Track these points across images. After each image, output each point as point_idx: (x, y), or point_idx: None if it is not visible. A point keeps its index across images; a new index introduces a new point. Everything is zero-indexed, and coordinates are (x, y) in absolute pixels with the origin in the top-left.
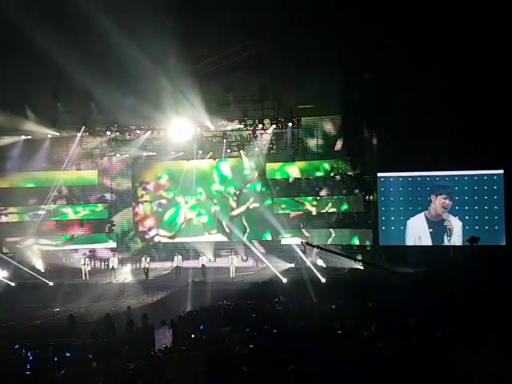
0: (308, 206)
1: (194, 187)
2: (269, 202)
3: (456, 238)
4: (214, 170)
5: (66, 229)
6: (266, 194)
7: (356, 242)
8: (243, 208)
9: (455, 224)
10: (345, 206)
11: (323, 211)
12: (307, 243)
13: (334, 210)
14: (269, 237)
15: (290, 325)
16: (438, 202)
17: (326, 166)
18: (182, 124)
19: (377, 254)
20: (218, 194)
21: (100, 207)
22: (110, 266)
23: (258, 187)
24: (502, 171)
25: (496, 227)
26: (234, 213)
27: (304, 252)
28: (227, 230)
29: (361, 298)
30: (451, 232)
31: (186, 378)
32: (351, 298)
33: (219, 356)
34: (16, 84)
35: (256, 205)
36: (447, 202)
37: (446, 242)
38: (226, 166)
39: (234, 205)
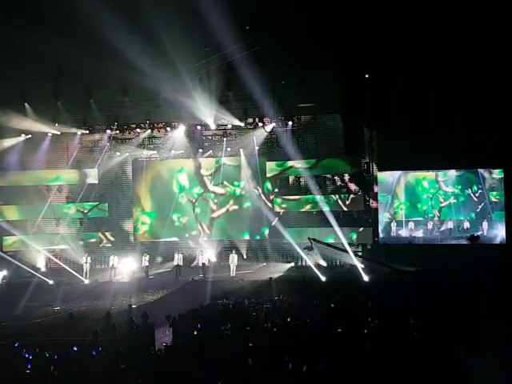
0: (308, 205)
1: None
2: (248, 204)
3: (453, 235)
4: (174, 179)
5: (66, 227)
6: (246, 196)
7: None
8: (223, 210)
9: (451, 222)
10: (344, 205)
11: (322, 210)
12: (314, 239)
13: (333, 208)
14: (247, 237)
15: (289, 323)
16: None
17: (326, 164)
18: (184, 122)
19: (377, 252)
20: (198, 196)
21: (100, 206)
22: (110, 265)
23: (238, 191)
24: (501, 170)
25: (496, 226)
26: (215, 215)
27: (310, 249)
28: (207, 231)
29: (360, 296)
30: (447, 229)
31: (185, 377)
32: (351, 297)
33: (219, 354)
34: (16, 81)
35: (235, 207)
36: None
37: (439, 240)
38: (183, 176)
39: (214, 207)
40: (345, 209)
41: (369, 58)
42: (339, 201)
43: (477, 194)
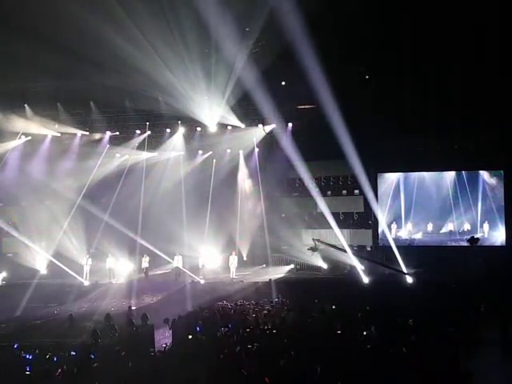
0: (308, 206)
1: None
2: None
3: (453, 237)
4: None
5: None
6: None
7: None
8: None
9: (451, 224)
10: (345, 207)
11: (322, 211)
12: (318, 240)
13: (333, 210)
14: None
15: (289, 325)
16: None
17: (326, 165)
18: (183, 124)
19: (377, 253)
20: None
21: (99, 206)
22: (107, 267)
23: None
24: (501, 171)
25: (496, 228)
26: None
27: (315, 249)
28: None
29: (360, 298)
30: (447, 231)
31: (185, 378)
32: (351, 299)
33: (219, 356)
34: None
35: None
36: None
37: (439, 242)
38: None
39: None
40: (345, 210)
41: (369, 58)
42: (339, 202)
43: (471, 197)
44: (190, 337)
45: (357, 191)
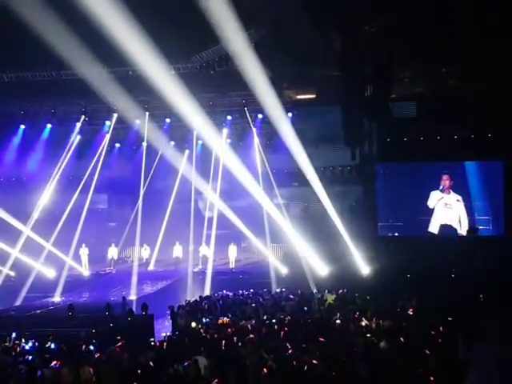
0: (308, 197)
1: None
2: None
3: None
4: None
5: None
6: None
7: None
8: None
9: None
10: (344, 197)
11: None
12: None
13: (332, 200)
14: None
15: (289, 315)
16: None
17: (326, 156)
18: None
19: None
20: None
21: (101, 197)
22: (110, 257)
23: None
24: (502, 162)
25: (496, 218)
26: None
27: None
28: None
29: (359, 288)
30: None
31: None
32: (350, 289)
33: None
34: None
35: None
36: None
37: (439, 232)
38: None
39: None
40: (344, 201)
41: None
42: (338, 193)
43: (472, 187)
44: (194, 324)
45: (356, 181)
